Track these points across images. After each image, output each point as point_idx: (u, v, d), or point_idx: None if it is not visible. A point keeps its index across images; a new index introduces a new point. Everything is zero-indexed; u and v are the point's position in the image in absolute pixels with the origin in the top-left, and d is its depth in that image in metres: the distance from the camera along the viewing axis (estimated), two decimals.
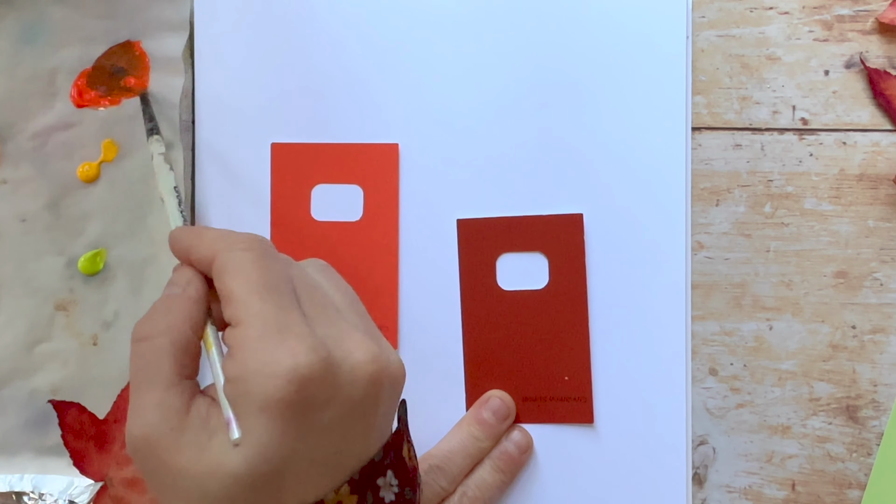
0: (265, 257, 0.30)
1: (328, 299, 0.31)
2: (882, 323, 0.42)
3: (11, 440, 0.42)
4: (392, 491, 0.30)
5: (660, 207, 0.41)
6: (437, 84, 0.42)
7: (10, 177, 0.42)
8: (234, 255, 0.30)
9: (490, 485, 0.39)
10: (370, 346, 0.30)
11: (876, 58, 0.42)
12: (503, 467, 0.40)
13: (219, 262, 0.30)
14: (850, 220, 0.42)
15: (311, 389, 0.28)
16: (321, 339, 0.28)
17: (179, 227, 0.35)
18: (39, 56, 0.42)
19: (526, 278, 0.41)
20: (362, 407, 0.29)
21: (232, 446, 0.28)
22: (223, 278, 0.30)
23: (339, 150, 0.42)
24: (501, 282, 0.41)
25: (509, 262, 0.41)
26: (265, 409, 0.27)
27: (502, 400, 0.41)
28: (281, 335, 0.28)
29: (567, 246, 0.41)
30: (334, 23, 0.42)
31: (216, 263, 0.30)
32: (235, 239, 0.31)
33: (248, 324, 0.28)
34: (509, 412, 0.41)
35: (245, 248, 0.30)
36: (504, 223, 0.41)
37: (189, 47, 0.42)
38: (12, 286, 0.42)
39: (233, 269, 0.29)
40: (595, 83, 0.41)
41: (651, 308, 0.41)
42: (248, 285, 0.29)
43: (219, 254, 0.30)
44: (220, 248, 0.30)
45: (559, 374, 0.41)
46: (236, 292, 0.29)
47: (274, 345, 0.28)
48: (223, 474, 0.28)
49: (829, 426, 0.42)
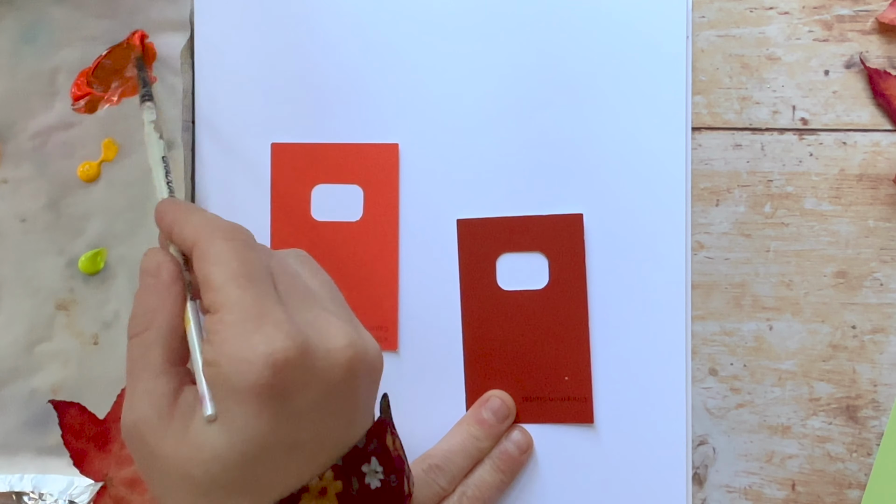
0: (245, 247, 0.31)
1: (306, 287, 0.32)
2: (882, 323, 0.42)
3: (11, 440, 0.42)
4: (377, 478, 0.30)
5: (660, 207, 0.41)
6: (437, 84, 0.42)
7: (11, 176, 0.42)
8: (216, 244, 0.30)
9: (490, 485, 0.39)
10: (347, 330, 0.30)
11: (876, 58, 0.42)
12: (503, 467, 0.40)
13: (200, 249, 0.31)
14: (850, 220, 0.42)
15: (287, 374, 0.28)
16: (298, 326, 0.29)
17: (166, 200, 0.35)
18: (39, 56, 0.42)
19: (526, 278, 0.41)
20: (340, 392, 0.30)
21: (208, 425, 0.28)
22: (203, 265, 0.30)
23: (339, 150, 0.42)
24: (501, 282, 0.41)
25: (509, 262, 0.41)
26: (242, 392, 0.28)
27: (502, 400, 0.41)
28: (258, 321, 0.28)
29: (567, 246, 0.41)
30: (334, 23, 0.42)
31: (197, 249, 0.31)
32: (218, 226, 0.31)
33: (226, 310, 0.29)
34: (509, 412, 0.41)
35: (226, 238, 0.31)
36: (504, 223, 0.41)
37: (189, 47, 0.42)
38: (12, 286, 0.42)
39: (213, 257, 0.30)
40: (595, 83, 0.41)
41: (651, 308, 0.41)
42: (227, 274, 0.29)
43: (200, 240, 0.31)
44: (202, 235, 0.31)
45: (559, 374, 0.41)
46: (215, 280, 0.29)
47: (251, 330, 0.28)
48: (204, 457, 0.28)
49: (829, 426, 0.42)
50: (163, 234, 0.34)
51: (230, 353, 0.28)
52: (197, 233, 0.31)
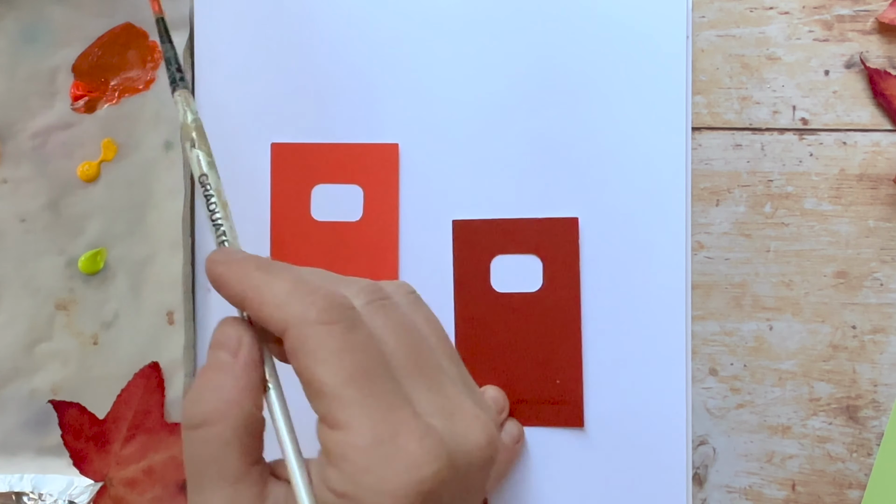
0: (351, 330, 0.25)
1: (429, 356, 0.27)
2: (882, 323, 0.41)
3: (11, 440, 0.42)
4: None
5: (660, 207, 0.41)
6: (437, 84, 0.42)
7: (10, 176, 0.42)
8: (315, 332, 0.25)
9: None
10: (485, 421, 0.26)
11: (876, 58, 0.42)
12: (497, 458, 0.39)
13: (296, 339, 0.25)
14: (850, 220, 0.42)
15: (433, 495, 0.24)
16: (437, 434, 0.25)
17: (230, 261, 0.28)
18: (39, 56, 0.42)
19: (520, 281, 0.41)
20: (475, 489, 0.27)
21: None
22: (306, 362, 0.25)
23: (339, 150, 0.42)
24: (495, 283, 0.41)
25: (503, 264, 0.41)
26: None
27: (496, 394, 0.40)
28: (394, 441, 0.24)
29: (561, 249, 0.41)
30: (334, 23, 0.42)
31: (292, 338, 0.25)
32: (311, 303, 0.26)
33: (352, 431, 0.24)
34: (503, 407, 0.40)
35: (326, 322, 0.25)
36: (499, 225, 0.41)
37: (189, 47, 0.42)
38: (12, 286, 0.42)
39: (315, 349, 0.25)
40: (595, 83, 0.41)
41: (651, 308, 0.40)
42: (340, 376, 0.25)
43: (293, 328, 0.25)
44: (292, 318, 0.25)
45: (550, 377, 0.41)
46: (327, 384, 0.25)
47: (390, 455, 0.24)
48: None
49: (829, 426, 0.42)
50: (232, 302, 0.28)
51: (371, 486, 0.24)
52: (285, 315, 0.26)
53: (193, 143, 0.30)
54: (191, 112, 0.31)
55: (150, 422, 0.41)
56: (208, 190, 0.30)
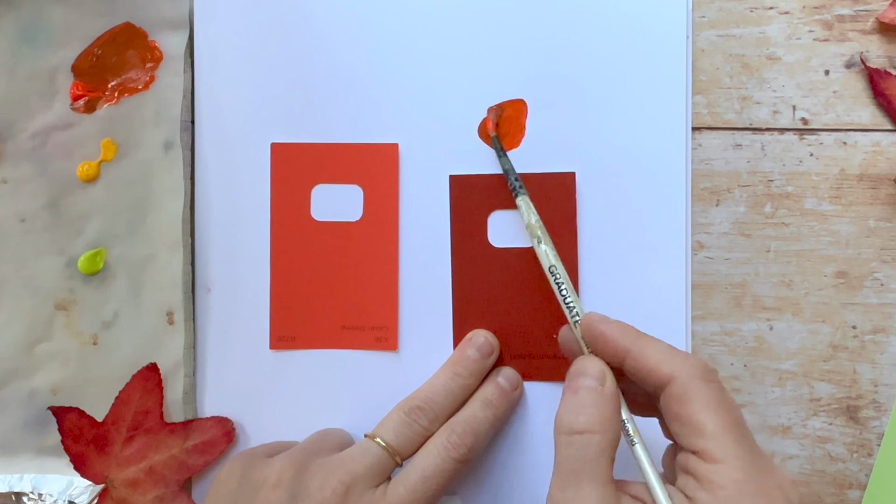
0: (725, 392, 0.32)
1: (744, 423, 0.33)
2: (882, 323, 0.41)
3: (11, 440, 0.42)
4: None
5: (660, 207, 0.41)
6: (437, 84, 0.42)
7: (10, 176, 0.42)
8: (699, 386, 0.32)
9: (481, 420, 0.38)
10: (790, 479, 0.31)
11: (876, 58, 0.42)
12: (494, 402, 0.39)
13: (681, 387, 0.32)
14: (850, 220, 0.42)
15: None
16: (785, 492, 0.31)
17: (610, 322, 0.35)
18: (39, 56, 0.42)
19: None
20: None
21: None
22: (690, 408, 0.31)
23: (339, 150, 0.42)
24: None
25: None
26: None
27: (485, 337, 0.40)
28: (761, 481, 0.30)
29: (559, 204, 0.40)
30: (334, 23, 0.42)
31: (677, 387, 0.32)
32: (692, 364, 0.32)
33: (730, 466, 0.30)
34: (492, 349, 0.40)
35: (707, 380, 0.32)
36: (496, 180, 0.41)
37: (189, 47, 0.42)
38: (12, 286, 0.42)
39: (702, 399, 0.31)
40: (595, 83, 0.41)
41: (651, 308, 0.40)
42: (720, 423, 0.31)
43: (680, 379, 0.32)
44: (678, 372, 0.32)
45: (547, 332, 0.41)
46: (708, 428, 0.31)
47: (758, 491, 0.30)
48: None
49: (829, 426, 0.42)
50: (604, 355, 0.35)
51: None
52: (671, 369, 0.32)
53: (540, 240, 0.38)
54: (533, 214, 0.38)
55: (150, 422, 0.41)
56: (559, 279, 0.37)
